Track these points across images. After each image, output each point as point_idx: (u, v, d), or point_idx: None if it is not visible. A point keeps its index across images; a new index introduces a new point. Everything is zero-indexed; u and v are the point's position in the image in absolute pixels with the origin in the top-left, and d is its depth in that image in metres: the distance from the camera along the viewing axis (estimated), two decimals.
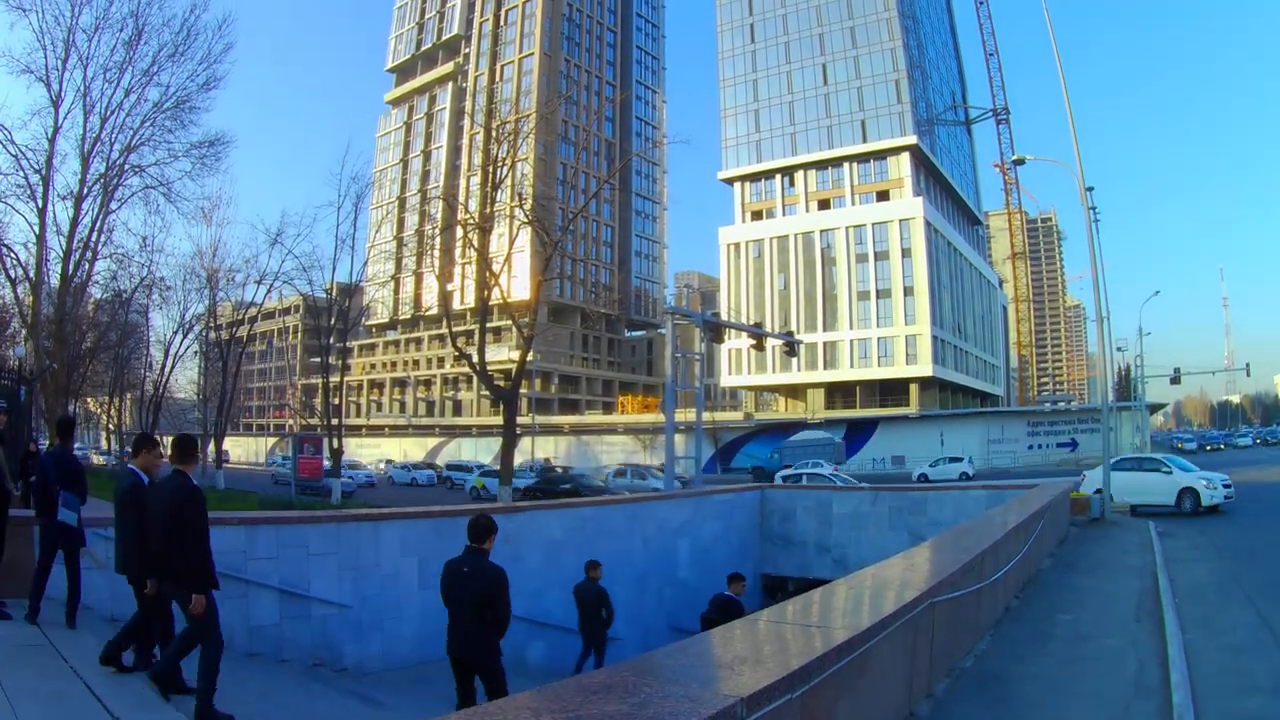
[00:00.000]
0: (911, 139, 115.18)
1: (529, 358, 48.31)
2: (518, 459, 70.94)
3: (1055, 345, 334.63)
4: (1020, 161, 45.15)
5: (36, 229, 39.18)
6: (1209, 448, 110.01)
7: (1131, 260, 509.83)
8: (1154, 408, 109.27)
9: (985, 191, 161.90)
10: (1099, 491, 29.50)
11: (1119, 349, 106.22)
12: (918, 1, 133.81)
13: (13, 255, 40.80)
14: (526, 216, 47.11)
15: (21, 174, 38.17)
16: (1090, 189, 36.14)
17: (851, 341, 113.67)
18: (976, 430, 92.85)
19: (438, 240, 72.81)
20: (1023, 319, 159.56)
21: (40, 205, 38.68)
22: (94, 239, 42.46)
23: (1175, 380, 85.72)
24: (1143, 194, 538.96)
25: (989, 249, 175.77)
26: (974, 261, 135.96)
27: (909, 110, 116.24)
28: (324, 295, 64.34)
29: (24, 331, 45.44)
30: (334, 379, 66.53)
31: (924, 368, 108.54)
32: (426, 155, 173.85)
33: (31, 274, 40.48)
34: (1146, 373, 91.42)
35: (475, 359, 45.87)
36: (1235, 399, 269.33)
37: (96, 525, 12.39)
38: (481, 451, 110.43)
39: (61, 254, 41.04)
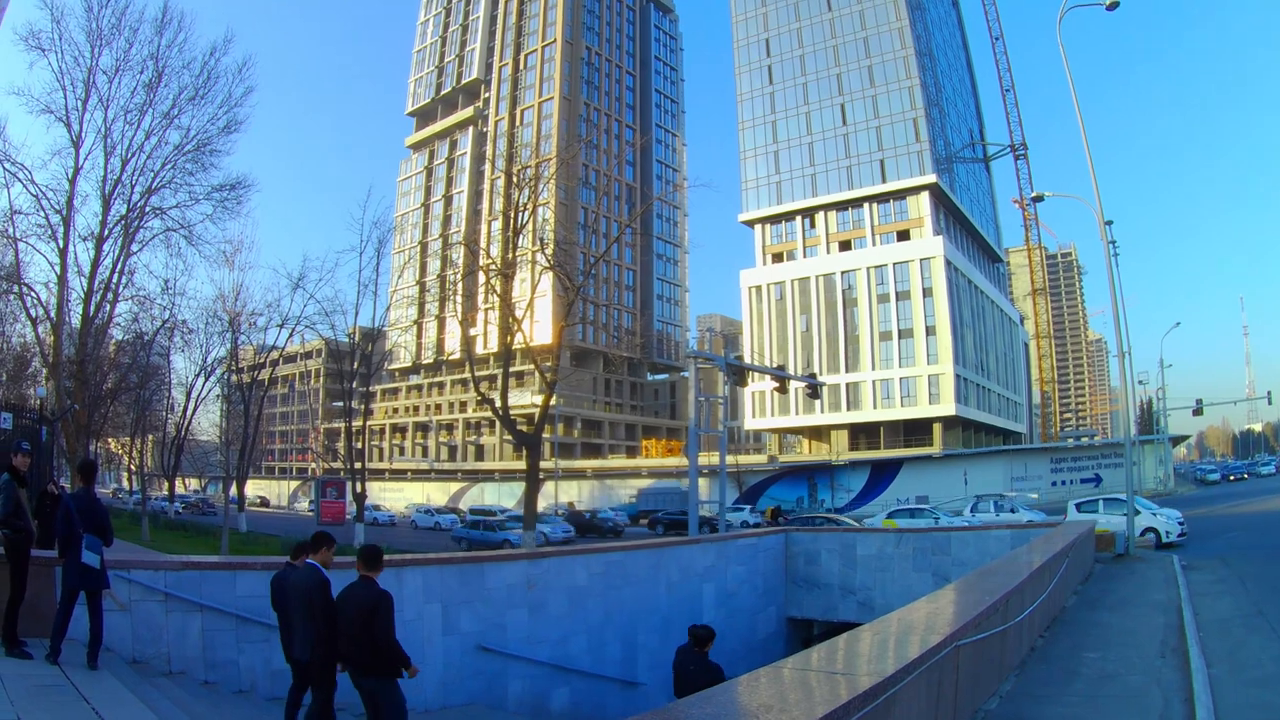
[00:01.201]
0: (931, 178, 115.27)
1: (552, 402, 48.23)
2: (541, 503, 70.87)
3: (1078, 380, 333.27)
4: (1039, 198, 45.09)
5: (58, 269, 39.19)
6: (1232, 478, 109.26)
7: (1151, 291, 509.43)
8: (1177, 440, 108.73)
9: (1005, 227, 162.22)
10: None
11: (1141, 382, 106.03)
12: (934, 39, 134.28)
13: (34, 295, 40.84)
14: (548, 261, 47.14)
15: (42, 214, 38.33)
16: (1109, 223, 36.14)
17: (874, 382, 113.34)
18: (1000, 468, 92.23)
19: (460, 286, 73.08)
20: (1044, 355, 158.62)
21: (61, 245, 38.69)
22: (115, 280, 42.40)
23: (1198, 412, 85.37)
24: (1161, 223, 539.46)
25: (1009, 286, 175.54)
26: (995, 299, 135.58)
27: (928, 149, 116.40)
28: (346, 340, 64.54)
29: (45, 371, 45.45)
30: (356, 423, 66.60)
31: (947, 407, 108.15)
32: (448, 200, 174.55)
33: (53, 314, 40.42)
34: (1169, 404, 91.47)
35: (498, 404, 45.87)
36: (1257, 427, 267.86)
37: (119, 568, 12.44)
38: (504, 496, 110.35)
39: (83, 294, 41.04)
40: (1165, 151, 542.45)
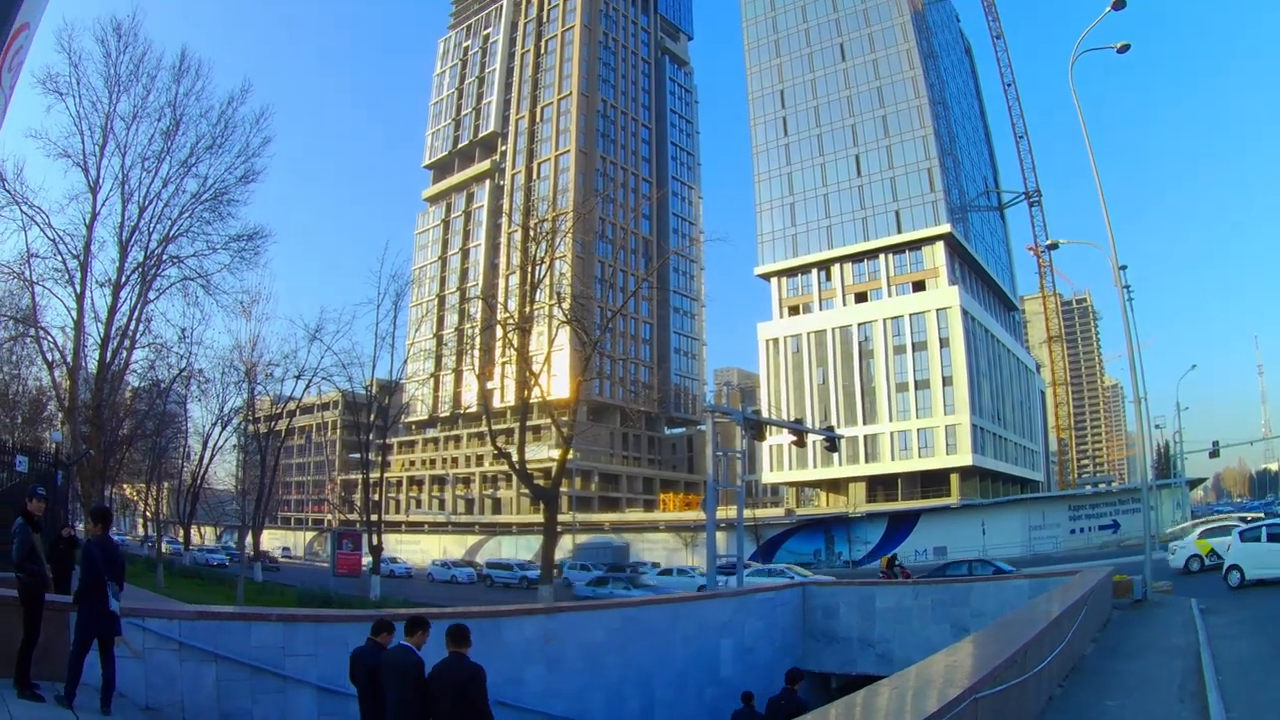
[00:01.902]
0: (945, 227, 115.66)
1: (569, 456, 48.19)
2: (558, 556, 70.66)
3: (1095, 426, 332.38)
4: (1054, 246, 45.26)
5: (74, 314, 38.86)
6: (1249, 517, 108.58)
7: (1167, 332, 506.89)
8: (1194, 483, 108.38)
9: (1020, 274, 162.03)
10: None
11: (1157, 426, 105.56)
12: (948, 87, 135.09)
13: (50, 339, 40.65)
14: (565, 316, 47.19)
15: (60, 258, 38.02)
16: (1123, 268, 36.14)
17: (892, 434, 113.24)
18: (1018, 518, 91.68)
19: (477, 340, 73.12)
20: (1061, 403, 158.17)
21: (78, 291, 38.36)
22: (132, 327, 42.15)
23: (1214, 454, 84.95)
24: (1175, 264, 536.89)
25: (1025, 334, 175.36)
26: (1011, 347, 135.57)
27: (942, 198, 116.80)
28: (363, 392, 64.56)
29: (61, 415, 45.29)
30: (373, 475, 66.53)
31: (964, 457, 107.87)
32: (465, 253, 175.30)
33: (69, 358, 40.19)
34: (1186, 447, 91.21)
35: (515, 458, 45.84)
36: (1274, 466, 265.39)
37: (134, 615, 12.46)
38: (522, 550, 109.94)
39: (99, 340, 40.77)
40: (1180, 189, 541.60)
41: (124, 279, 40.90)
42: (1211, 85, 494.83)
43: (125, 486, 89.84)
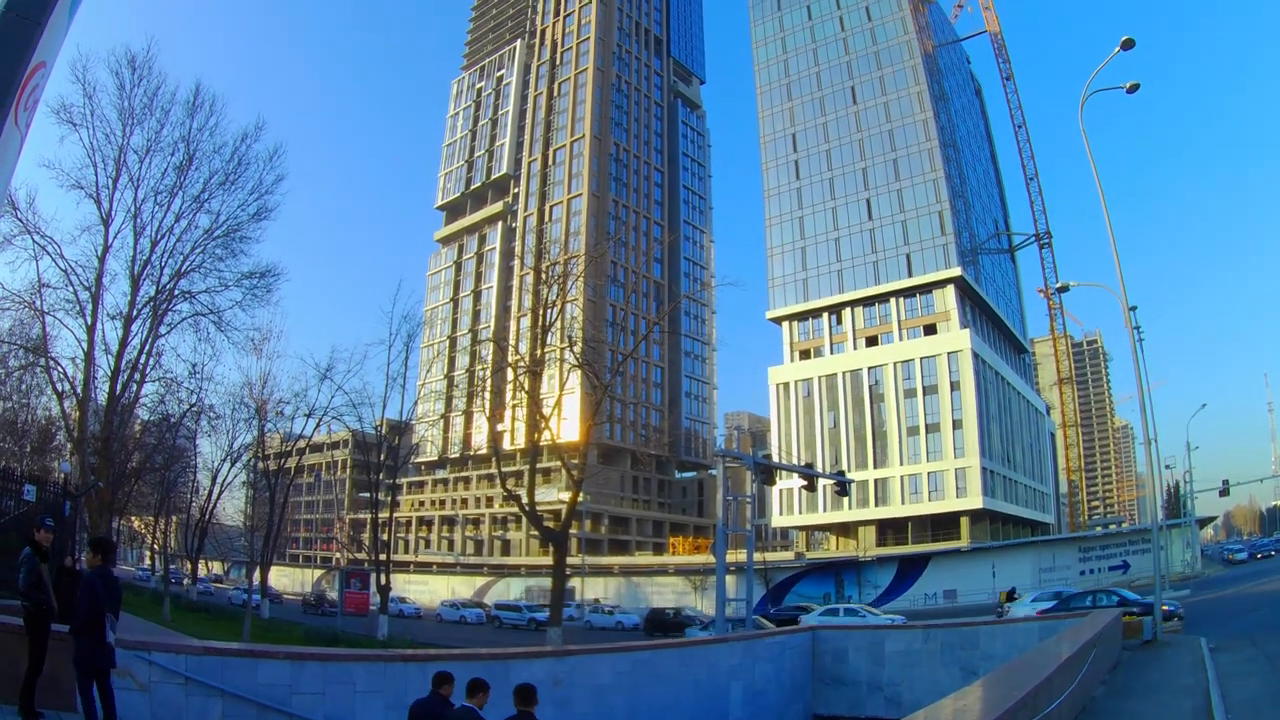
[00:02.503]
0: (956, 270, 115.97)
1: (579, 499, 48.09)
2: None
3: (1105, 467, 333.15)
4: (1064, 289, 45.60)
5: (85, 345, 38.76)
6: (1259, 555, 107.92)
7: (1177, 371, 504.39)
8: (1204, 521, 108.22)
9: (1030, 316, 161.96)
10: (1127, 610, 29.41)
11: (1168, 466, 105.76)
12: (958, 130, 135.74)
13: (60, 369, 40.54)
14: (577, 360, 47.23)
15: (71, 289, 38.03)
16: (1133, 308, 36.28)
17: (902, 477, 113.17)
18: (1028, 560, 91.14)
19: (488, 382, 73.14)
20: (1071, 445, 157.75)
21: (89, 322, 38.30)
22: (142, 361, 42.00)
23: (1224, 492, 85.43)
24: (1186, 300, 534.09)
25: (1036, 376, 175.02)
26: (1021, 390, 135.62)
27: (953, 241, 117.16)
28: (374, 432, 64.54)
29: (70, 446, 45.14)
30: (382, 514, 66.48)
31: (974, 500, 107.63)
32: (477, 295, 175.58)
33: (79, 389, 40.01)
34: (1196, 486, 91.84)
35: (525, 500, 45.80)
36: None
37: (139, 649, 12.46)
38: (531, 592, 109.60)
39: (109, 373, 40.64)
40: (1191, 224, 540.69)
41: (135, 312, 40.76)
42: (1222, 120, 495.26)
43: (134, 519, 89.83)
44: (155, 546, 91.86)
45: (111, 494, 45.04)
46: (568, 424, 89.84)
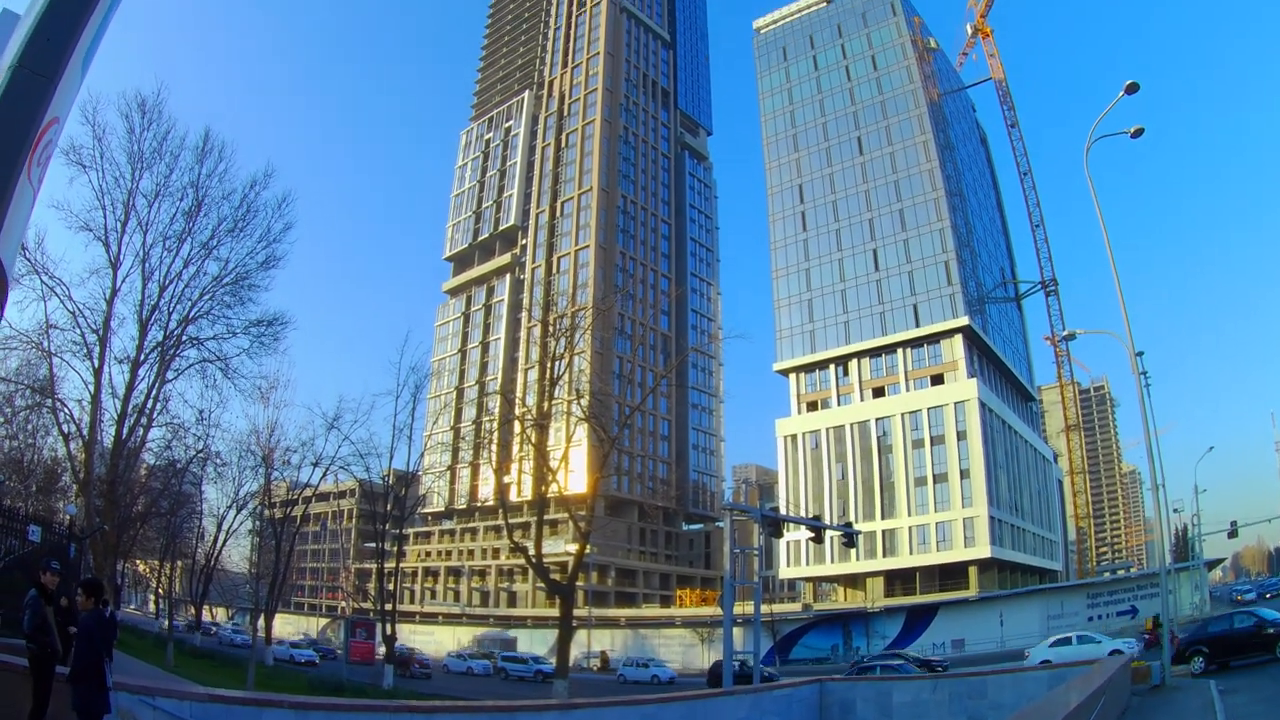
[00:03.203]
0: (963, 320, 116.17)
1: (586, 551, 47.96)
2: (574, 651, 70.25)
3: (1113, 512, 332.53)
4: (1071, 337, 45.69)
5: (91, 388, 38.60)
6: (1268, 595, 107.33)
7: (1184, 413, 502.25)
8: (1212, 563, 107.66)
9: (1037, 363, 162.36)
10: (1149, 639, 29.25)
11: (1175, 510, 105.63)
12: (964, 178, 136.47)
13: (66, 410, 40.35)
14: (584, 413, 47.16)
15: (78, 331, 37.96)
16: (1140, 354, 36.20)
17: (910, 528, 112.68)
18: (1036, 608, 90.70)
19: (495, 434, 73.04)
20: (1079, 491, 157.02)
21: (96, 365, 38.17)
22: (149, 406, 41.88)
23: (1233, 534, 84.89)
24: (1194, 343, 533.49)
25: (1043, 423, 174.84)
26: (1029, 438, 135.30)
27: (960, 291, 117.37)
28: (380, 482, 64.40)
29: (75, 488, 44.95)
30: (388, 564, 66.25)
31: (982, 550, 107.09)
32: (485, 347, 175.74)
33: (85, 432, 39.76)
34: (1204, 529, 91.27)
35: (531, 552, 45.69)
36: None
37: (144, 694, 12.37)
38: (536, 643, 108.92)
39: (116, 416, 40.53)
40: (1199, 266, 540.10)
41: (143, 357, 40.68)
42: (1231, 161, 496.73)
43: (139, 562, 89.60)
44: (160, 591, 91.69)
45: (117, 537, 44.94)
46: (575, 476, 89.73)
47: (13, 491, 48.16)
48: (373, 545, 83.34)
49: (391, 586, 65.56)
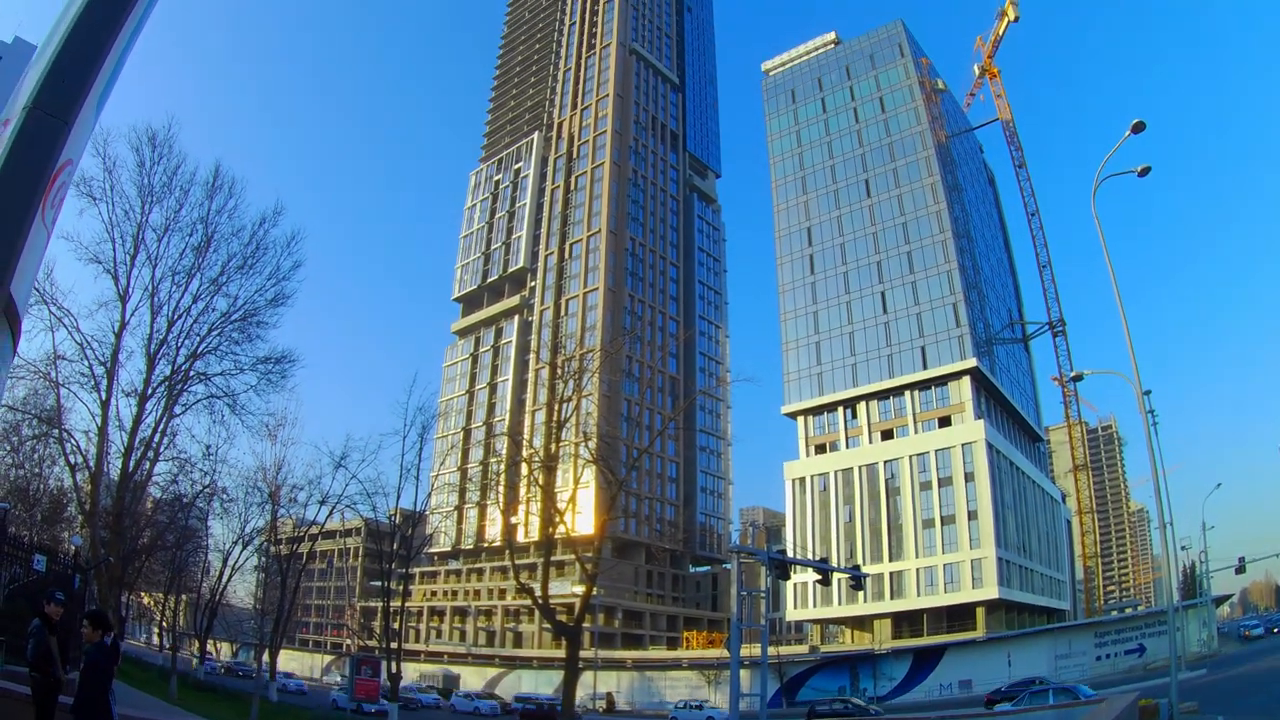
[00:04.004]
0: (971, 362, 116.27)
1: (593, 592, 47.87)
2: (580, 692, 70.09)
3: (1120, 551, 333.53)
4: (1079, 378, 45.60)
5: (98, 420, 38.58)
6: (1276, 630, 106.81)
7: (1192, 449, 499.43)
8: (1219, 599, 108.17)
9: (1045, 403, 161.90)
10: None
11: (1183, 547, 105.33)
12: (971, 219, 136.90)
13: (73, 441, 40.40)
14: (592, 455, 47.19)
15: (86, 363, 38.07)
16: (1147, 393, 36.22)
17: (918, 570, 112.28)
18: (1043, 648, 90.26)
19: (502, 476, 73.02)
20: (1087, 531, 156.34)
21: (104, 398, 38.20)
22: (156, 440, 41.90)
23: (1240, 570, 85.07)
24: (1203, 377, 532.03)
25: (1051, 464, 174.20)
26: (1036, 479, 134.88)
27: (968, 333, 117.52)
28: (387, 521, 64.31)
29: (81, 519, 44.89)
30: (394, 603, 66.08)
31: (990, 591, 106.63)
32: (492, 388, 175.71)
33: (91, 463, 39.71)
34: (1211, 565, 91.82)
35: (538, 593, 45.61)
36: None
37: None
38: (542, 684, 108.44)
39: (123, 449, 40.48)
40: (1207, 302, 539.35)
41: (150, 391, 40.69)
42: (1239, 197, 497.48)
43: (143, 594, 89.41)
44: (164, 624, 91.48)
45: (122, 569, 44.80)
46: (582, 518, 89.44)
47: (18, 520, 48.22)
48: (379, 583, 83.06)
49: (397, 625, 65.44)
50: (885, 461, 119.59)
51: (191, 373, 42.28)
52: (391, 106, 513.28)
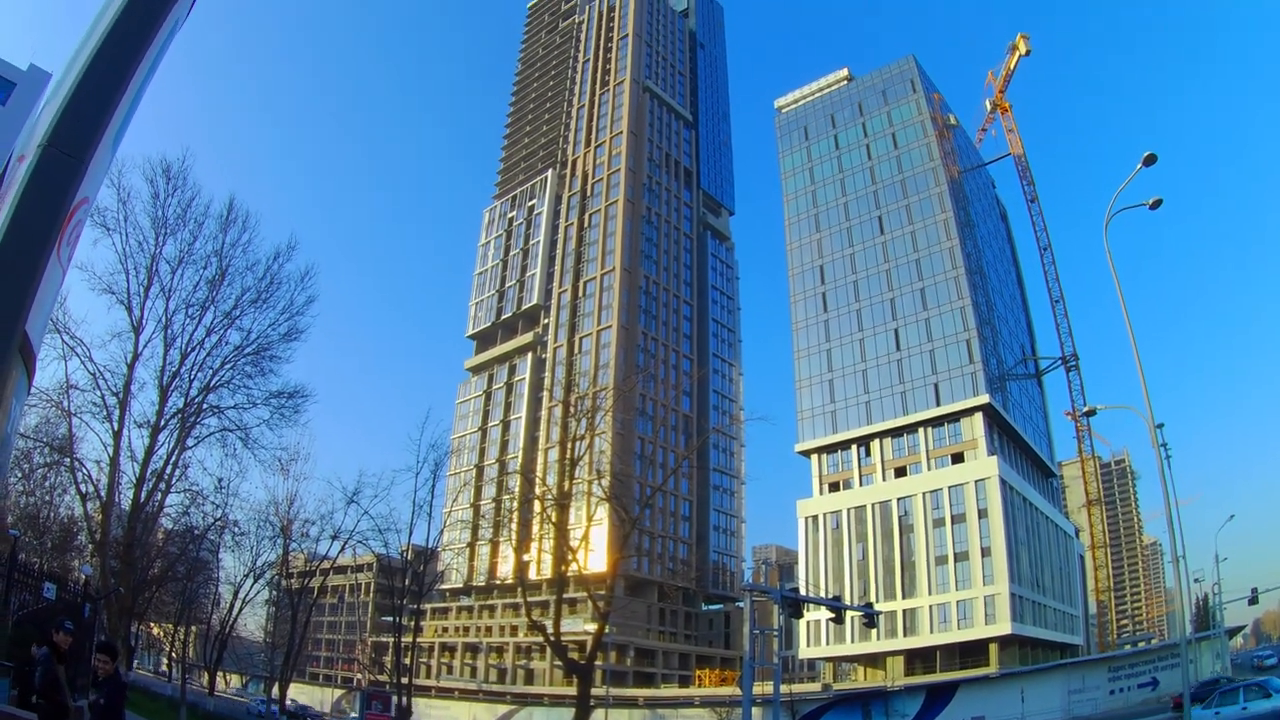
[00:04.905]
0: (984, 398, 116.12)
1: (605, 630, 47.74)
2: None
3: (1134, 584, 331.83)
4: (1092, 413, 45.56)
5: (110, 450, 38.82)
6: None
7: (1206, 482, 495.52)
8: (1233, 631, 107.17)
9: (1058, 437, 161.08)
10: None
11: (1196, 579, 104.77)
12: (984, 255, 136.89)
13: (85, 470, 40.50)
14: (604, 493, 47.18)
15: (99, 393, 38.22)
16: (1160, 426, 36.05)
17: (931, 607, 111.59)
18: (1057, 683, 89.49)
19: (515, 513, 72.92)
20: (1100, 565, 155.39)
21: (116, 428, 38.36)
22: (168, 471, 42.02)
23: (1253, 601, 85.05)
24: (1217, 408, 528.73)
25: (1064, 499, 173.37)
26: (1049, 514, 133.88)
27: (981, 369, 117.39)
28: (399, 557, 64.36)
29: (91, 548, 44.85)
30: (405, 639, 66.05)
31: (1003, 627, 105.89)
32: (506, 425, 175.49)
33: (103, 493, 39.78)
34: (1225, 596, 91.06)
35: (550, 631, 45.55)
36: None
37: None
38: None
39: (134, 479, 40.57)
40: (1215, 333, 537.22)
41: (163, 423, 40.86)
42: (1252, 228, 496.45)
43: (153, 625, 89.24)
44: (173, 654, 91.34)
45: (132, 599, 44.74)
46: (595, 555, 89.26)
47: (28, 547, 48.25)
48: (390, 619, 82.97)
49: (408, 660, 65.35)
50: (899, 499, 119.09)
51: (204, 405, 42.43)
52: (406, 144, 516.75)
